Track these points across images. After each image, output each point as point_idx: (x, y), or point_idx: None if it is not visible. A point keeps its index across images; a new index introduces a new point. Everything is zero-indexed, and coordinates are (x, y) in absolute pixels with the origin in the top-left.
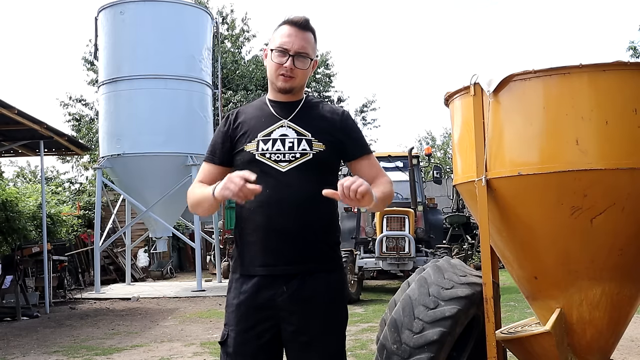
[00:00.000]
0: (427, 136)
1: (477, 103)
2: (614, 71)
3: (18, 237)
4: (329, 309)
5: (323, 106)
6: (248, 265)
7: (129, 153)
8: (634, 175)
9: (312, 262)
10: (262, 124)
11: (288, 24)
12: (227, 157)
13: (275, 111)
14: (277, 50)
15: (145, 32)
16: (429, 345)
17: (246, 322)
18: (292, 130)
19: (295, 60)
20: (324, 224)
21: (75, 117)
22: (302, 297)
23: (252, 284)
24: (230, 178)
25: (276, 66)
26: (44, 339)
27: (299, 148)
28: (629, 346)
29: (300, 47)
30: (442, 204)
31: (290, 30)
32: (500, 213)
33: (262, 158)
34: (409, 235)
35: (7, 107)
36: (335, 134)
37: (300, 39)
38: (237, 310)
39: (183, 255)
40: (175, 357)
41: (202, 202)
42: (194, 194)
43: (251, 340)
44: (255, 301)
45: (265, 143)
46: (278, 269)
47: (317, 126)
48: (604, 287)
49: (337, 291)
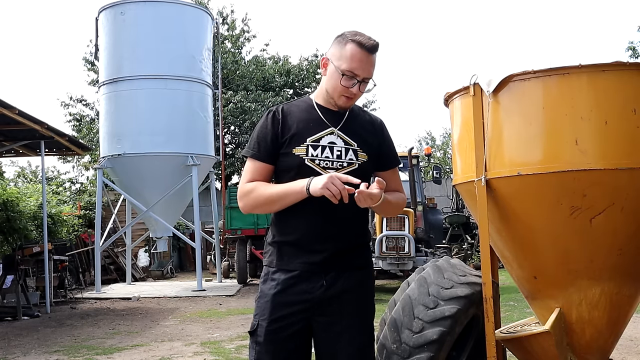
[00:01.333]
0: (427, 136)
1: (477, 103)
2: (613, 71)
3: (19, 236)
4: (361, 303)
5: (364, 115)
6: (287, 261)
7: (130, 153)
8: (633, 175)
9: (347, 261)
10: (310, 129)
11: (360, 46)
12: (274, 156)
13: (325, 117)
14: (345, 72)
15: (145, 32)
16: (428, 345)
17: (279, 312)
18: (340, 139)
19: (362, 85)
20: (360, 227)
21: (76, 117)
22: (337, 291)
23: (291, 277)
24: (332, 179)
25: (342, 88)
26: (45, 339)
27: (346, 157)
28: (628, 346)
29: (369, 73)
30: (441, 204)
31: (362, 54)
32: (499, 213)
33: (311, 163)
34: (408, 235)
35: (8, 107)
36: (375, 146)
37: (369, 64)
38: (273, 299)
39: (183, 255)
40: (176, 356)
41: (284, 199)
42: (267, 192)
43: (282, 329)
44: (291, 292)
45: (315, 149)
46: (317, 266)
47: (362, 137)
48: (603, 287)
49: (368, 286)
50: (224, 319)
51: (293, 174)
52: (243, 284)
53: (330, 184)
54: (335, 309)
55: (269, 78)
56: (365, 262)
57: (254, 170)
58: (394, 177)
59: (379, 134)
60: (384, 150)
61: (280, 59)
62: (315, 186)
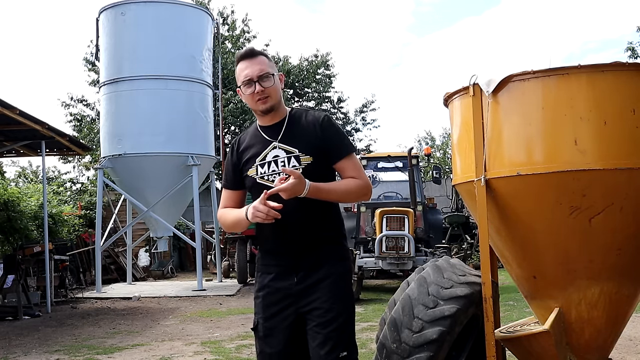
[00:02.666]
0: (427, 136)
1: (477, 103)
2: (613, 72)
3: (20, 236)
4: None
5: (307, 116)
6: (267, 265)
7: (130, 153)
8: (633, 175)
9: (314, 256)
10: (257, 150)
11: (239, 60)
12: (239, 182)
13: (267, 135)
14: (243, 84)
15: (146, 32)
16: (428, 345)
17: (270, 310)
18: (282, 150)
19: (261, 82)
20: (321, 224)
21: (77, 117)
22: (311, 282)
23: (270, 279)
24: (256, 208)
25: (250, 96)
26: (46, 338)
27: (289, 165)
28: (627, 345)
29: (259, 70)
30: (441, 203)
31: (243, 63)
32: (499, 213)
33: (262, 181)
34: (408, 235)
35: (9, 108)
36: (318, 143)
37: (254, 64)
38: (263, 300)
39: (184, 255)
40: (176, 356)
41: (238, 224)
42: (227, 218)
43: (277, 324)
44: (274, 292)
45: (262, 167)
46: (288, 265)
47: (302, 141)
48: (602, 287)
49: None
50: (224, 319)
51: (254, 192)
52: (243, 284)
53: (256, 212)
54: (312, 298)
55: None
56: (337, 256)
57: (224, 198)
58: (349, 165)
59: (323, 130)
60: (328, 145)
61: (281, 59)
62: (250, 216)
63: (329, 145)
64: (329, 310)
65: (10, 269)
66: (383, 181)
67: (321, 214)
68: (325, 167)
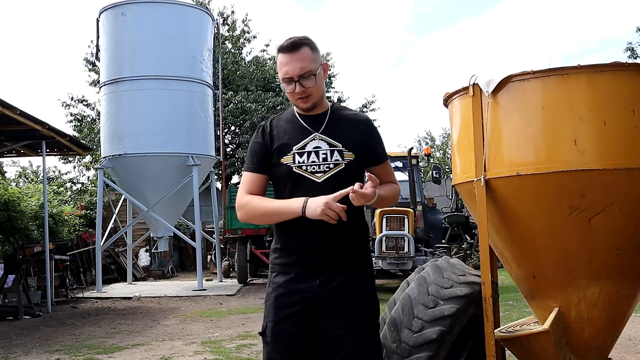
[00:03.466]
0: (427, 136)
1: (476, 103)
2: (612, 72)
3: (20, 236)
4: (358, 298)
5: (348, 114)
6: (285, 266)
7: (130, 153)
8: (632, 175)
9: (341, 260)
10: (295, 137)
11: (281, 51)
12: (266, 167)
13: (307, 124)
14: (283, 80)
15: (146, 33)
16: (428, 344)
17: (283, 312)
18: (324, 142)
19: (302, 82)
20: (353, 227)
21: (77, 117)
22: (333, 288)
23: (288, 280)
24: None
25: (290, 94)
26: (46, 338)
27: (332, 159)
28: (626, 345)
29: (300, 69)
30: (441, 203)
31: (283, 58)
32: (499, 213)
33: (299, 170)
34: (408, 235)
35: (9, 108)
36: (362, 143)
37: (295, 61)
38: (275, 302)
39: (184, 255)
40: (176, 355)
41: (280, 215)
42: (264, 207)
43: (287, 329)
44: (290, 294)
45: (301, 156)
46: (312, 267)
47: (346, 136)
48: (602, 287)
49: (365, 282)
50: (225, 319)
51: (285, 182)
52: (243, 284)
53: (328, 209)
54: (333, 305)
55: (269, 78)
56: (361, 261)
57: (249, 182)
58: (385, 169)
59: (364, 131)
60: (372, 146)
61: None
62: (313, 213)
63: (371, 147)
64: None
65: (10, 269)
66: None
67: (352, 216)
68: (363, 167)
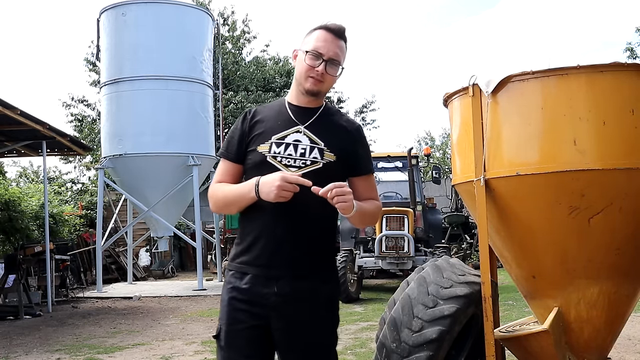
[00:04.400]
0: (426, 136)
1: (476, 104)
2: (612, 72)
3: (21, 236)
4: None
5: (340, 116)
6: (244, 264)
7: (131, 153)
8: (631, 175)
9: (305, 269)
10: (278, 127)
11: (325, 29)
12: (242, 155)
13: (294, 115)
14: (312, 53)
15: (146, 33)
16: (428, 344)
17: (237, 315)
18: (306, 137)
19: (328, 65)
20: (323, 233)
21: (78, 117)
22: (292, 300)
23: (245, 282)
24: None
25: (308, 68)
26: (47, 338)
27: (310, 155)
28: (626, 344)
29: (335, 54)
30: (441, 203)
31: (327, 35)
32: (498, 213)
33: (272, 160)
34: (408, 235)
35: (10, 108)
36: (347, 147)
37: (335, 45)
38: (229, 305)
39: (184, 255)
40: (177, 355)
41: (238, 201)
42: (223, 194)
43: (240, 332)
44: (247, 296)
45: (278, 146)
46: (272, 271)
47: (331, 136)
48: (601, 286)
49: (328, 300)
50: None
51: (256, 171)
52: None
53: (282, 191)
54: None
55: (270, 79)
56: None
57: (222, 171)
58: (370, 183)
59: (355, 137)
60: (360, 155)
61: (281, 59)
62: (268, 195)
63: (357, 155)
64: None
65: (11, 269)
66: (383, 181)
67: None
68: (342, 173)
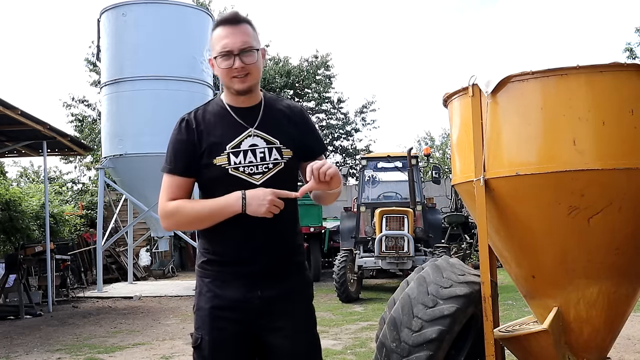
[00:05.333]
0: (426, 136)
1: (476, 104)
2: (611, 72)
3: (21, 236)
4: (299, 309)
5: (282, 105)
6: (222, 271)
7: (131, 153)
8: (631, 175)
9: (283, 268)
10: (228, 134)
11: (220, 25)
12: (193, 168)
13: (239, 118)
14: (220, 55)
15: (147, 33)
16: (427, 344)
17: (221, 324)
18: (261, 139)
19: (242, 57)
20: (293, 231)
21: (78, 117)
22: (275, 300)
23: (227, 289)
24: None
25: (226, 71)
26: (47, 337)
27: (270, 158)
28: (625, 344)
29: (242, 43)
30: (440, 203)
31: (225, 30)
32: (498, 213)
33: (235, 172)
34: (408, 235)
35: (11, 108)
36: (299, 137)
37: (238, 34)
38: (211, 312)
39: (184, 255)
40: (177, 354)
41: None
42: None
43: (225, 340)
44: (230, 304)
45: (237, 155)
46: (252, 275)
47: (282, 131)
48: (601, 286)
49: (306, 293)
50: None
51: (218, 185)
52: None
53: (273, 207)
54: (274, 317)
55: (270, 79)
56: (301, 267)
57: (174, 186)
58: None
59: (299, 122)
60: (308, 140)
61: (281, 60)
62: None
63: (308, 140)
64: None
65: (12, 269)
66: (383, 181)
67: (294, 218)
68: (299, 164)
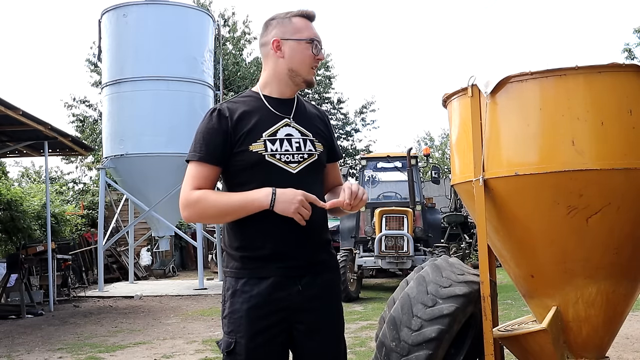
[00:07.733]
0: (426, 137)
1: (475, 104)
2: (610, 73)
3: (23, 236)
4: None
5: (309, 105)
6: (259, 269)
7: (132, 153)
8: (629, 175)
9: (320, 261)
10: (264, 122)
11: (305, 17)
12: (224, 157)
13: (275, 109)
14: (309, 42)
15: (147, 34)
16: (427, 343)
17: (260, 326)
18: (296, 130)
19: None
20: (325, 224)
21: (79, 118)
22: (313, 295)
23: (266, 287)
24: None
25: (311, 59)
26: (48, 337)
27: (305, 148)
28: (624, 343)
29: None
30: (440, 203)
31: (305, 22)
32: (497, 212)
33: (272, 159)
34: (407, 235)
35: (12, 108)
36: (326, 135)
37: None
38: (248, 314)
39: (185, 254)
40: (178, 354)
41: (241, 212)
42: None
43: (265, 343)
44: (267, 303)
45: (273, 143)
46: (292, 270)
47: (314, 126)
48: (599, 286)
49: (338, 286)
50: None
51: (249, 173)
52: None
53: (302, 208)
54: (313, 314)
55: None
56: (334, 262)
57: (199, 176)
58: (338, 169)
59: (327, 124)
60: (332, 142)
61: None
62: (285, 209)
63: (332, 143)
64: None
65: (13, 268)
66: (382, 181)
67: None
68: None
